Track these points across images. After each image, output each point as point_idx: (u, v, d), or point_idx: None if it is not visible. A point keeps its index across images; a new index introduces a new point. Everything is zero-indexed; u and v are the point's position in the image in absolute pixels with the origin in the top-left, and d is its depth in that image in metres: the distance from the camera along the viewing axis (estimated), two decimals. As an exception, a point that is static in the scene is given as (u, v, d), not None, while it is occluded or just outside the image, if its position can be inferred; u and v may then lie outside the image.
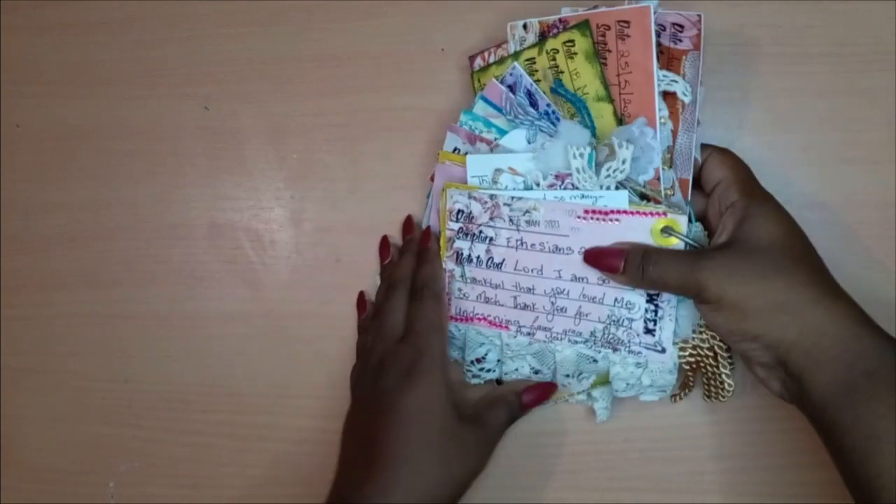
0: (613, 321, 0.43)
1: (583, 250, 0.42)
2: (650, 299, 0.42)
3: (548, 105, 0.44)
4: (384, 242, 0.48)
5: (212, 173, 0.51)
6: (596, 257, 0.42)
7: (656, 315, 0.42)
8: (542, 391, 0.45)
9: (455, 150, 0.45)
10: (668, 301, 0.42)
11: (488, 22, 0.49)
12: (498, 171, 0.43)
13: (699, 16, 0.43)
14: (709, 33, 0.47)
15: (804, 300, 0.37)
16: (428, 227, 0.46)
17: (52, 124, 0.52)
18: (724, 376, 0.43)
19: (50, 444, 0.51)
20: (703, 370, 0.44)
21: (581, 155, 0.41)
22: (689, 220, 0.41)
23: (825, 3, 0.47)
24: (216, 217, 0.51)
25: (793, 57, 0.47)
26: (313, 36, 0.50)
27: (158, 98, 0.51)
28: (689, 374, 0.45)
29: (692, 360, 0.43)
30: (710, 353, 0.43)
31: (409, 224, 0.48)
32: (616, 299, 0.43)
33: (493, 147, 0.44)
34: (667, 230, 0.41)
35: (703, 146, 0.43)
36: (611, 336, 0.43)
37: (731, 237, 0.39)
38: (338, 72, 0.50)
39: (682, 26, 0.43)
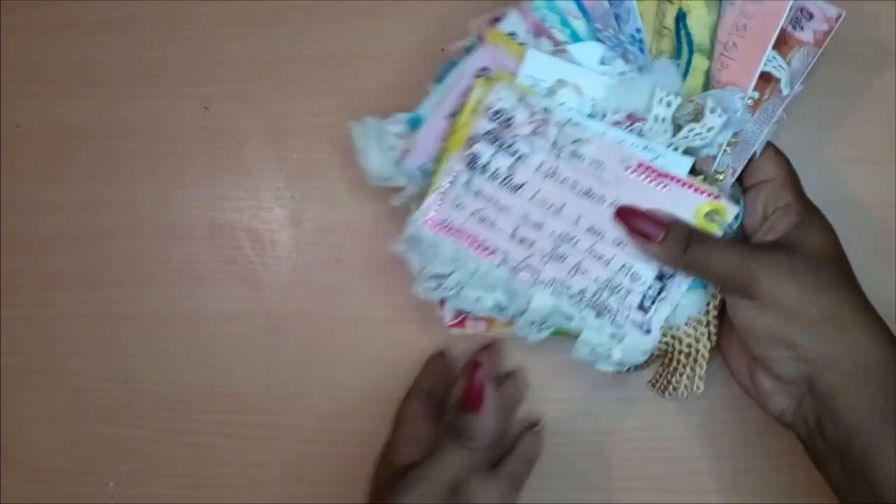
0: (610, 286, 0.39)
1: (615, 203, 0.38)
2: (660, 276, 0.39)
3: (637, 30, 0.38)
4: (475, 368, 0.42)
5: (212, 173, 0.51)
6: (634, 217, 0.38)
7: (658, 295, 0.39)
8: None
9: (512, 34, 0.38)
10: (677, 285, 0.39)
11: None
12: (561, 82, 0.37)
13: (839, 14, 0.38)
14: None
15: (856, 319, 0.35)
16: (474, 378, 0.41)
17: (52, 124, 0.52)
18: (697, 379, 0.41)
19: (50, 444, 0.51)
20: (670, 362, 0.41)
21: (669, 104, 0.37)
22: (737, 215, 0.38)
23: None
24: (216, 217, 0.51)
25: (793, 57, 0.47)
26: (313, 36, 0.50)
27: (158, 98, 0.51)
28: (655, 359, 0.42)
29: (665, 348, 0.41)
30: (687, 351, 0.41)
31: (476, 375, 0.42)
32: (624, 265, 0.39)
33: (558, 51, 0.38)
34: (712, 215, 0.38)
35: None
36: (600, 300, 0.40)
37: (785, 240, 0.37)
38: (338, 72, 0.50)
39: (812, 15, 0.39)
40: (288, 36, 0.50)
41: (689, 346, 0.41)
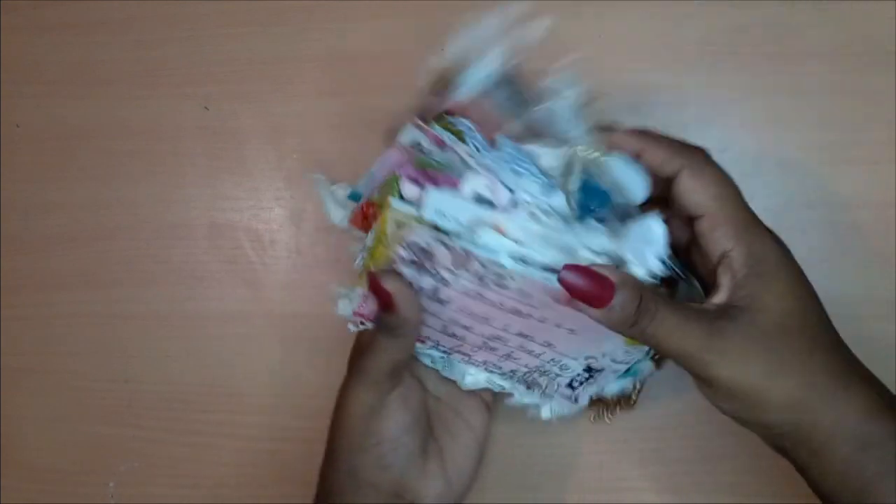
0: (540, 371, 0.39)
1: (543, 318, 0.35)
2: (589, 369, 0.39)
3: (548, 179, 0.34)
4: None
5: (212, 173, 0.51)
6: (576, 274, 0.31)
7: (586, 381, 0.39)
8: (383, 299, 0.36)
9: (416, 145, 0.36)
10: (606, 377, 0.39)
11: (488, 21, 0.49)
12: (479, 221, 0.33)
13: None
14: (709, 33, 0.47)
15: (821, 395, 0.32)
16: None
17: (52, 124, 0.52)
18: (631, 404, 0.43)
19: (50, 444, 0.51)
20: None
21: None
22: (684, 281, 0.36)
23: (825, 3, 0.47)
24: (216, 217, 0.51)
25: (793, 57, 0.47)
26: (313, 36, 0.50)
27: (158, 98, 0.51)
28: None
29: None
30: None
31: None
32: (553, 359, 0.38)
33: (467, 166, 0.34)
34: None
35: (675, 148, 0.34)
36: (531, 379, 0.40)
37: (737, 303, 0.32)
38: (338, 72, 0.50)
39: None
40: (288, 36, 0.50)
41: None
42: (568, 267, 0.31)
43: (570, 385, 0.40)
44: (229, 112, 0.51)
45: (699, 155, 0.34)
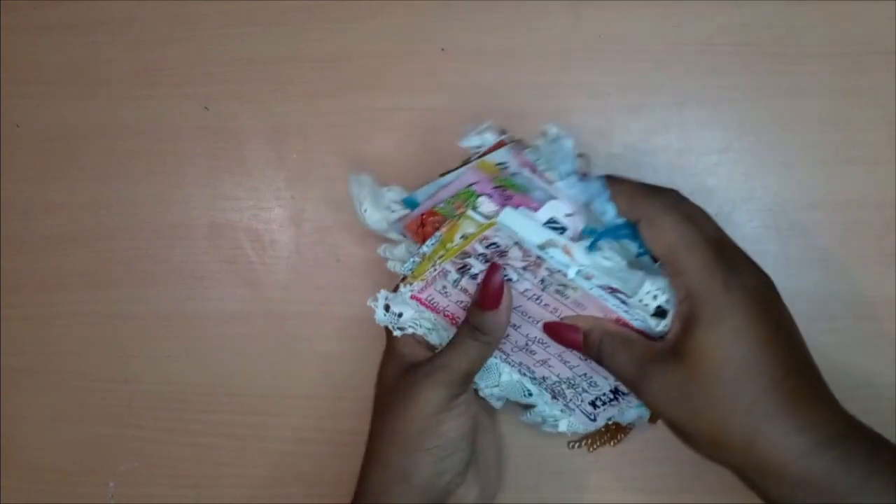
0: (569, 382, 0.41)
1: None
2: (615, 391, 0.40)
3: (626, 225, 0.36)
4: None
5: (212, 173, 0.51)
6: (555, 328, 0.38)
7: (608, 403, 0.41)
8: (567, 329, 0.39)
9: (502, 165, 0.37)
10: (628, 402, 0.40)
11: (488, 22, 0.49)
12: (551, 241, 0.36)
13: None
14: (710, 33, 0.47)
15: (740, 438, 0.33)
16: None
17: (52, 124, 0.52)
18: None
19: (50, 444, 0.51)
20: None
21: (656, 297, 0.35)
22: None
23: (825, 3, 0.47)
24: (216, 217, 0.51)
25: (793, 57, 0.47)
26: (313, 36, 0.50)
27: (158, 98, 0.51)
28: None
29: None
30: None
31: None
32: (585, 374, 0.40)
33: (548, 188, 0.36)
34: None
35: (636, 197, 0.35)
36: (558, 389, 0.42)
37: (679, 344, 0.34)
38: (338, 72, 0.50)
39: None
40: (288, 36, 0.50)
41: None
42: (548, 324, 0.38)
43: (593, 403, 0.41)
44: (229, 112, 0.51)
45: (661, 202, 0.35)
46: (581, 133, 0.48)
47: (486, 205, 0.37)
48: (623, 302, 0.36)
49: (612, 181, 0.36)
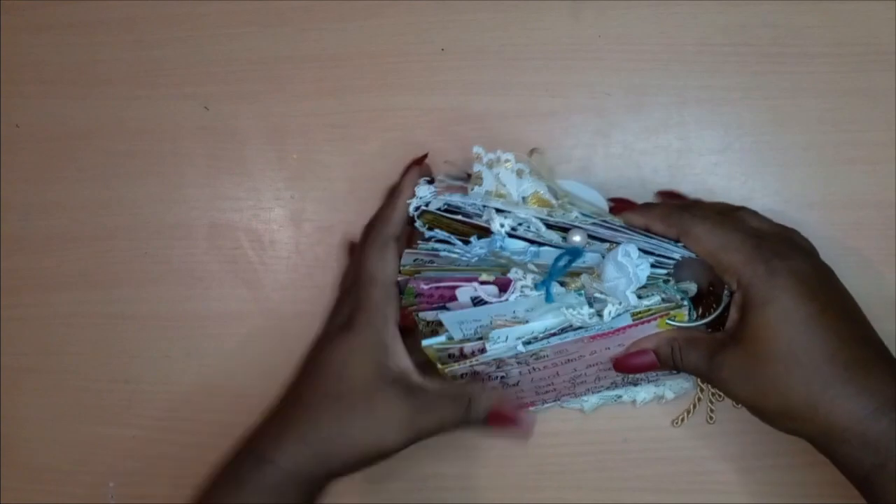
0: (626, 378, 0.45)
1: (591, 352, 0.41)
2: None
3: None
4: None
5: (212, 173, 0.51)
6: (627, 363, 0.41)
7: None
8: (515, 423, 0.42)
9: (417, 261, 0.41)
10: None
11: (488, 22, 0.49)
12: (489, 324, 0.39)
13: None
14: (710, 33, 0.47)
15: (803, 408, 0.36)
16: (410, 169, 0.43)
17: (52, 124, 0.52)
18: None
19: (50, 444, 0.51)
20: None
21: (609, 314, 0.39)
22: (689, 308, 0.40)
23: (825, 3, 0.47)
24: (216, 217, 0.51)
25: (793, 57, 0.47)
26: (313, 36, 0.50)
27: (158, 98, 0.51)
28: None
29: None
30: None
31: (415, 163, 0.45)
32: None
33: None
34: (672, 321, 0.40)
35: (670, 218, 0.39)
36: (632, 378, 0.44)
37: (737, 330, 0.38)
38: (338, 72, 0.50)
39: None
40: (288, 36, 0.50)
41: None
42: (618, 360, 0.41)
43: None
44: (229, 112, 0.51)
45: (690, 214, 0.39)
46: (581, 133, 0.48)
47: (426, 315, 0.40)
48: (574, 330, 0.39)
49: (647, 209, 0.40)
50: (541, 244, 0.39)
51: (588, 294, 0.38)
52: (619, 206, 0.43)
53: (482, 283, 0.39)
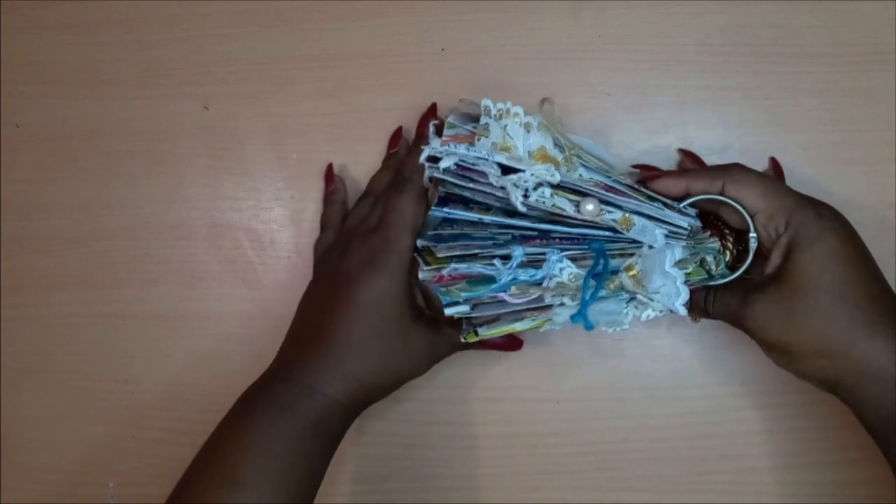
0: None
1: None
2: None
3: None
4: (397, 132, 0.48)
5: (212, 173, 0.51)
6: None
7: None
8: (507, 344, 0.46)
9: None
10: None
11: (488, 22, 0.49)
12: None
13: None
14: (710, 33, 0.47)
15: (840, 342, 0.37)
16: (425, 117, 0.46)
17: (52, 124, 0.52)
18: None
19: (50, 444, 0.51)
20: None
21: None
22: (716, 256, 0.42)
23: (825, 3, 0.47)
24: (216, 217, 0.51)
25: (793, 57, 0.47)
26: (313, 36, 0.50)
27: (158, 98, 0.51)
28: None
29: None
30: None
31: (397, 134, 0.48)
32: None
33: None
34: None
35: (713, 172, 0.42)
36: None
37: (776, 273, 0.39)
38: (338, 72, 0.50)
39: None
40: (288, 36, 0.50)
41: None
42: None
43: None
44: (229, 112, 0.50)
45: (735, 168, 0.41)
46: (581, 133, 0.48)
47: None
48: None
49: (685, 172, 0.42)
50: (558, 222, 0.40)
51: (627, 291, 0.40)
52: (646, 172, 0.44)
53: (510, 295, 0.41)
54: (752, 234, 0.40)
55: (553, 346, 0.48)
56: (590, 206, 0.39)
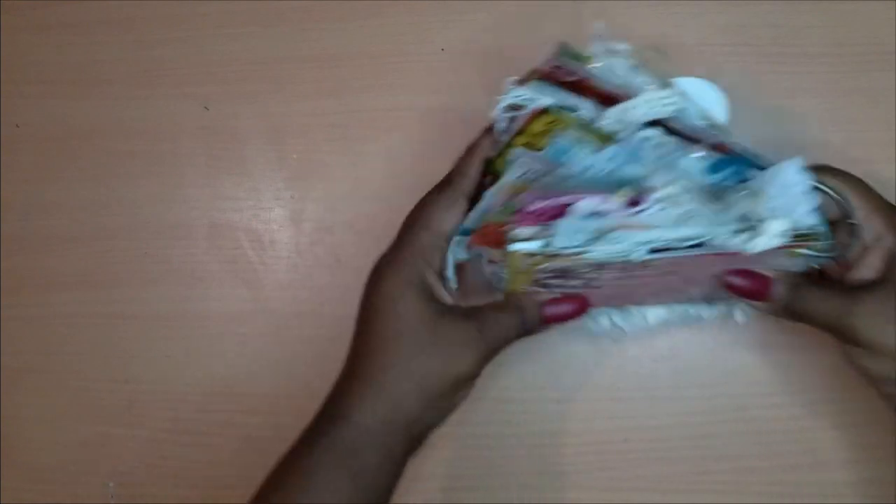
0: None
1: (699, 267, 0.38)
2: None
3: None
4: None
5: (212, 173, 0.51)
6: (737, 283, 0.39)
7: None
8: (573, 307, 0.40)
9: (524, 174, 0.38)
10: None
11: (488, 22, 0.49)
12: (602, 230, 0.36)
13: None
14: (709, 32, 0.47)
15: None
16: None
17: (52, 124, 0.52)
18: None
19: (50, 444, 0.51)
20: None
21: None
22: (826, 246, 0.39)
23: (825, 3, 0.47)
24: (216, 217, 0.51)
25: (793, 57, 0.47)
26: (313, 36, 0.50)
27: (158, 98, 0.51)
28: None
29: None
30: None
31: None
32: None
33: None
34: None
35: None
36: (710, 296, 0.43)
37: (886, 274, 0.38)
38: (338, 72, 0.50)
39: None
40: (288, 36, 0.50)
41: None
42: (731, 272, 0.38)
43: None
44: (229, 112, 0.51)
45: (828, 168, 0.39)
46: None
47: (522, 231, 0.37)
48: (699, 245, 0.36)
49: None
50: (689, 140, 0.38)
51: (739, 212, 0.36)
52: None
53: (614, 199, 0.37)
54: (857, 223, 0.38)
55: (553, 346, 0.48)
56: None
